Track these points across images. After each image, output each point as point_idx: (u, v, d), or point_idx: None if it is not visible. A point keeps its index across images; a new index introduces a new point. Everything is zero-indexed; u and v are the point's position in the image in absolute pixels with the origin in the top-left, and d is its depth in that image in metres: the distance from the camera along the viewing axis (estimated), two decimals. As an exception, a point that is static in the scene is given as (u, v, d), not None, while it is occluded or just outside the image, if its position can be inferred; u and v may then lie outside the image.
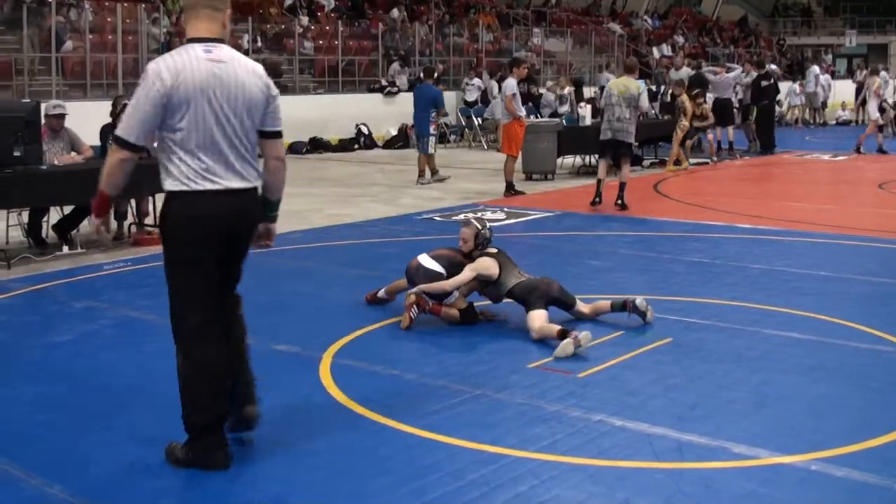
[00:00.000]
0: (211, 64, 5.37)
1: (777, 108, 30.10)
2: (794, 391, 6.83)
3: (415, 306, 8.41)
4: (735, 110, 25.11)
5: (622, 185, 15.19)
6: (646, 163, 22.11)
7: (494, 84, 27.87)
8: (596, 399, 6.61)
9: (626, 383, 6.95)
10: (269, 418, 6.32)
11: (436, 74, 20.20)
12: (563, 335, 7.69)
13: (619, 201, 15.11)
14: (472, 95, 28.66)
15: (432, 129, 19.06)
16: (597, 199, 15.21)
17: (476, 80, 28.95)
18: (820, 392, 6.83)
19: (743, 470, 5.50)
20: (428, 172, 18.82)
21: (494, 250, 8.64)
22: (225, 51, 5.50)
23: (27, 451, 5.78)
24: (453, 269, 8.54)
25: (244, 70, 5.54)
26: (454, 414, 6.36)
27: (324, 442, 5.91)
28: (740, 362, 7.45)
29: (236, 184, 5.46)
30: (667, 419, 6.23)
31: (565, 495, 5.16)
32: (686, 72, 26.58)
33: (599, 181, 15.41)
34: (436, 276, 8.58)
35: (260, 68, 5.68)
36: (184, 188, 5.37)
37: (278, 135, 5.71)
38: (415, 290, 8.50)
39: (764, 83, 25.29)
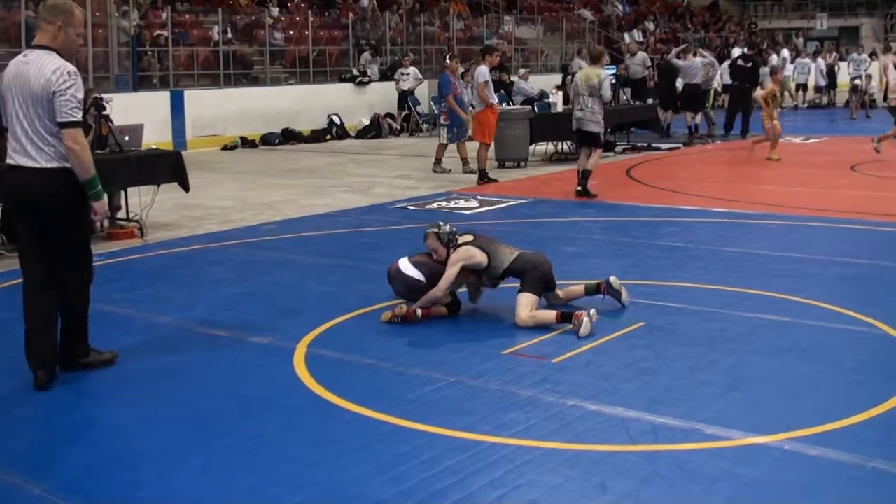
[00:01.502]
0: (20, 65, 6.62)
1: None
2: (767, 372, 6.87)
3: (400, 318, 8.25)
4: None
5: (585, 173, 15.07)
6: (619, 148, 22.13)
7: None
8: (570, 384, 6.62)
9: (600, 368, 6.97)
10: (244, 408, 6.33)
11: (449, 62, 19.97)
12: (566, 318, 7.79)
13: (580, 188, 15.08)
14: (406, 85, 28.31)
15: (442, 119, 18.90)
16: (579, 188, 15.18)
17: (412, 69, 28.46)
18: (794, 373, 6.86)
19: (717, 451, 5.53)
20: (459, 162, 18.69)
21: (469, 237, 8.58)
22: (35, 54, 6.63)
23: (1, 448, 5.77)
24: (435, 278, 8.43)
25: (37, 70, 6.53)
26: (430, 402, 6.37)
27: (299, 432, 5.91)
28: (714, 345, 7.47)
29: (25, 162, 6.59)
30: (641, 402, 6.25)
31: (541, 480, 5.18)
32: (642, 56, 26.75)
33: (578, 170, 15.38)
34: (415, 284, 8.54)
35: (53, 69, 6.54)
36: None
37: (67, 125, 6.54)
38: (414, 306, 8.35)
39: (741, 63, 25.27)
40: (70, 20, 6.78)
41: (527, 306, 8.05)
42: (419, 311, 8.29)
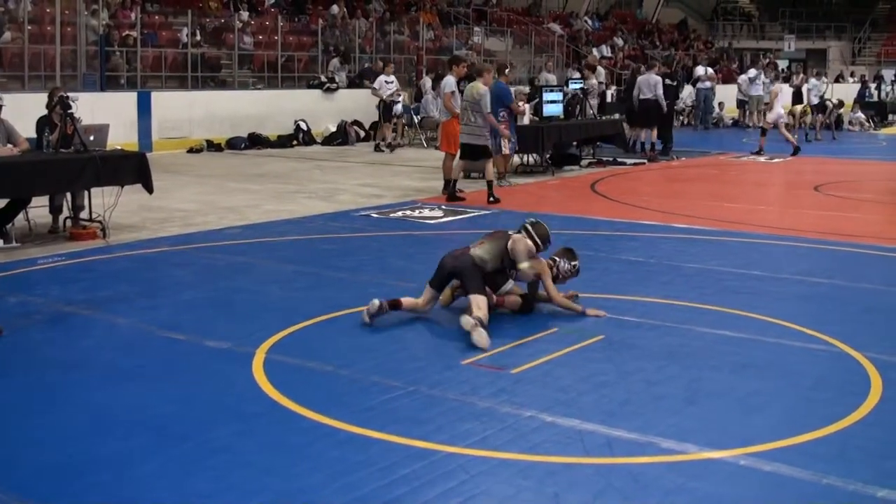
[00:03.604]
0: None
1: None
2: (724, 388, 6.91)
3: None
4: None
5: (488, 183, 15.87)
6: (584, 162, 22.19)
7: (428, 81, 27.78)
8: (527, 395, 6.64)
9: (557, 380, 6.99)
10: (201, 413, 6.32)
11: (507, 70, 19.69)
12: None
13: (491, 198, 15.73)
14: (387, 93, 27.58)
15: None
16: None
17: (394, 77, 27.94)
18: (751, 389, 6.90)
19: (672, 464, 5.56)
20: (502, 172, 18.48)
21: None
22: None
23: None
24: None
25: None
26: (387, 410, 6.37)
27: (255, 439, 5.89)
28: (672, 359, 7.51)
29: None
30: (597, 415, 6.27)
31: (495, 490, 5.19)
32: (600, 72, 26.95)
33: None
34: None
35: None
36: None
37: None
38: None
39: (667, 82, 25.47)
40: None
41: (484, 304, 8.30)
42: (494, 298, 8.66)
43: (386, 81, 26.38)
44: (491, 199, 15.67)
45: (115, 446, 5.76)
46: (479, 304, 8.18)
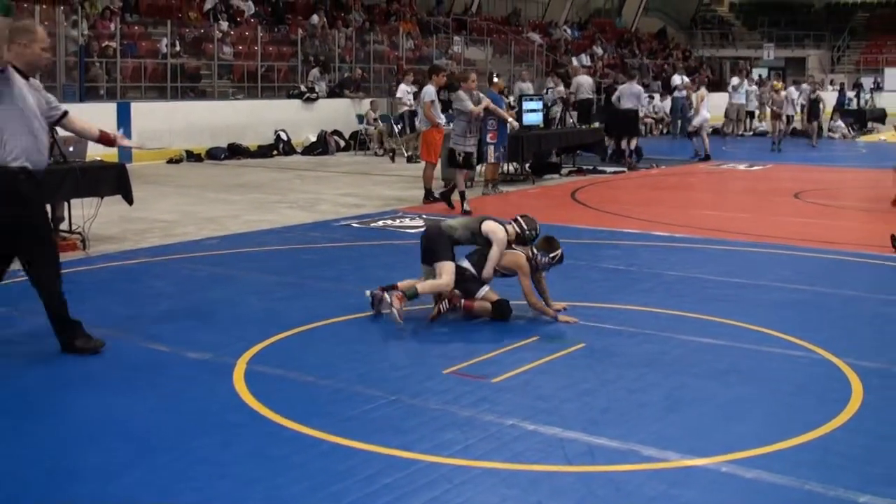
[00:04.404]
0: None
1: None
2: (706, 395, 6.92)
3: (446, 301, 8.67)
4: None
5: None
6: (564, 171, 22.23)
7: (406, 90, 27.76)
8: (509, 404, 6.64)
9: (538, 388, 6.99)
10: (180, 424, 6.29)
11: (495, 79, 19.70)
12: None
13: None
14: (409, 102, 27.63)
15: (489, 138, 17.82)
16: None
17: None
18: (732, 396, 6.92)
19: (654, 472, 5.56)
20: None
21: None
22: None
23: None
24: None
25: None
26: (369, 420, 6.36)
27: (236, 450, 5.87)
28: (653, 367, 7.52)
29: None
30: (579, 423, 6.28)
31: (478, 499, 5.19)
32: (586, 80, 27.04)
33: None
34: (464, 272, 8.81)
35: None
36: None
37: None
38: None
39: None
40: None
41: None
42: (462, 302, 8.66)
43: (406, 91, 26.32)
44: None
45: (96, 459, 5.73)
46: (442, 270, 8.59)
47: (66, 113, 8.05)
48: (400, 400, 6.73)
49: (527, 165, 21.03)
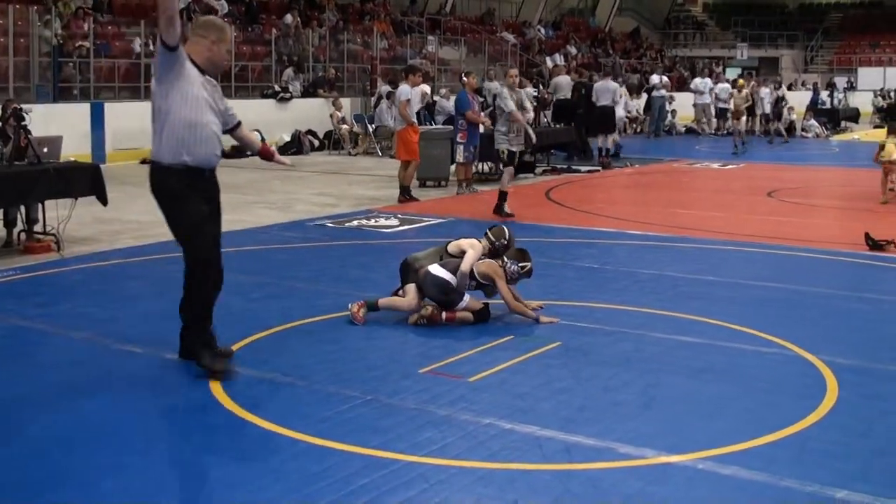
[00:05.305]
0: None
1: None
2: (681, 392, 6.95)
3: (425, 319, 8.62)
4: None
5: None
6: (538, 170, 22.24)
7: (384, 89, 27.75)
8: (486, 403, 6.65)
9: (515, 387, 7.01)
10: (158, 427, 6.28)
11: (464, 78, 19.74)
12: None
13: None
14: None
15: (459, 137, 18.06)
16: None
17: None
18: (707, 393, 6.95)
19: (631, 469, 5.59)
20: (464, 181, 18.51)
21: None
22: None
23: None
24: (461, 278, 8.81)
25: None
26: (345, 420, 6.35)
27: (214, 452, 5.87)
28: (628, 365, 7.55)
29: None
30: (555, 421, 6.29)
31: (455, 498, 5.19)
32: (565, 80, 27.09)
33: None
34: (444, 284, 8.70)
35: None
36: None
37: None
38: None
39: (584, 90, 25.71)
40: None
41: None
42: (443, 315, 8.61)
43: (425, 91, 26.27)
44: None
45: (74, 463, 5.70)
46: (406, 291, 8.88)
47: (240, 123, 8.25)
48: (376, 399, 6.73)
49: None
